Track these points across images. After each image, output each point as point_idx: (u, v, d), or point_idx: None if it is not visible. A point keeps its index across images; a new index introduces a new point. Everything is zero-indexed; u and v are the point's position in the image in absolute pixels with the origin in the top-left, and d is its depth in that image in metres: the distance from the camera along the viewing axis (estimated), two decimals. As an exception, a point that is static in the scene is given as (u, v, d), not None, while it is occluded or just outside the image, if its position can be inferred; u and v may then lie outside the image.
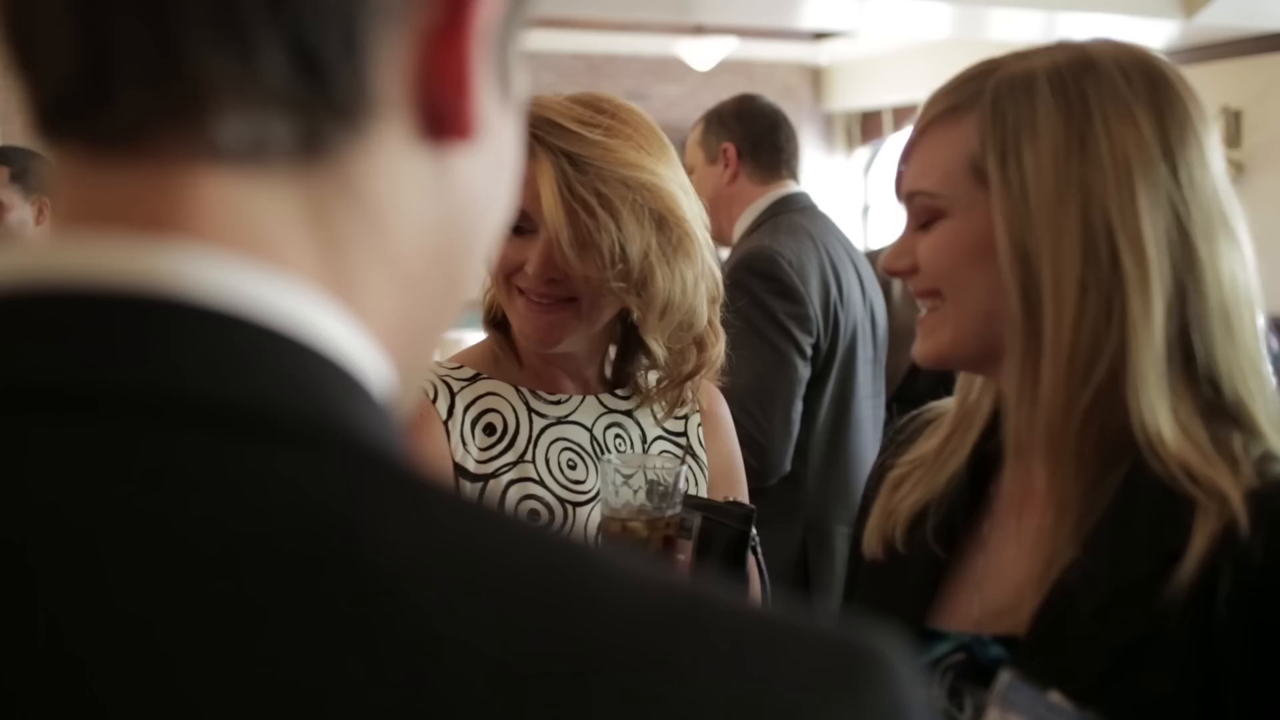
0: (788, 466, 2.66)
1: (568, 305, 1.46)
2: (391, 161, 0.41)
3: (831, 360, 2.72)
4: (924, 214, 1.07)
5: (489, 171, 0.46)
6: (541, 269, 1.43)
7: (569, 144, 1.40)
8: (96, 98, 0.38)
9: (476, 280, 0.50)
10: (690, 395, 1.59)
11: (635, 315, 1.49)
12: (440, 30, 0.41)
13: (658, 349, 1.52)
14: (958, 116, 1.04)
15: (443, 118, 0.42)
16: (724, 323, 1.58)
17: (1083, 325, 0.97)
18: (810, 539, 2.68)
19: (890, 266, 1.12)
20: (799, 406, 2.66)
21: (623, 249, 1.39)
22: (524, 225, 1.43)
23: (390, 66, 0.40)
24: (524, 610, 0.34)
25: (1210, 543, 0.92)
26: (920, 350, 1.12)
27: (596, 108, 1.45)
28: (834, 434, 2.75)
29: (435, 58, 0.41)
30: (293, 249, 0.40)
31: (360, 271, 0.42)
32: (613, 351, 1.62)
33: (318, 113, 0.39)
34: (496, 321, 1.56)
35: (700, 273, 1.48)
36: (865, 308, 2.83)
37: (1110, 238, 0.97)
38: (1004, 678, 0.95)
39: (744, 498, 1.65)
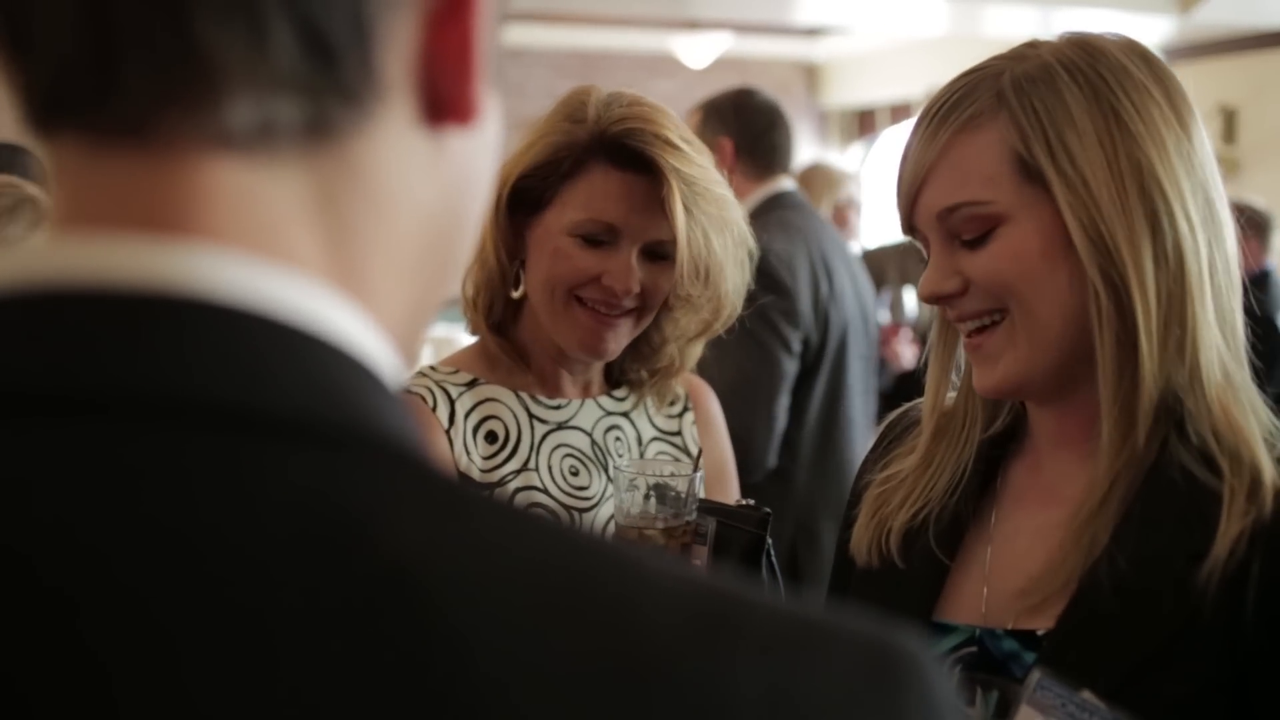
0: (772, 462, 2.65)
1: (629, 314, 1.45)
2: (394, 145, 0.41)
3: (822, 356, 2.72)
4: (975, 225, 1.02)
5: (480, 155, 0.46)
6: (632, 283, 1.41)
7: (682, 164, 1.39)
8: (101, 84, 0.37)
9: (461, 269, 0.49)
10: (675, 385, 1.61)
11: (685, 320, 1.50)
12: (444, 12, 0.41)
13: (687, 352, 1.54)
14: (979, 124, 1.02)
15: (444, 101, 0.42)
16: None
17: (1162, 298, 0.98)
18: (800, 537, 2.67)
19: (939, 291, 1.05)
20: (784, 401, 2.66)
21: (721, 266, 1.43)
22: (605, 237, 1.41)
23: (395, 49, 0.40)
24: (559, 616, 0.34)
25: (1239, 539, 0.93)
26: (991, 381, 1.05)
27: (675, 119, 1.45)
28: (825, 431, 2.75)
29: (439, 40, 0.41)
30: (301, 239, 0.39)
31: (367, 259, 0.41)
32: None
33: (325, 96, 0.39)
34: (497, 325, 1.52)
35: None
36: (857, 305, 2.83)
37: (1167, 207, 0.98)
38: (1035, 675, 0.94)
39: (735, 494, 1.65)
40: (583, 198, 1.40)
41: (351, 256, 0.41)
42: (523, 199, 1.43)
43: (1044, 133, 0.99)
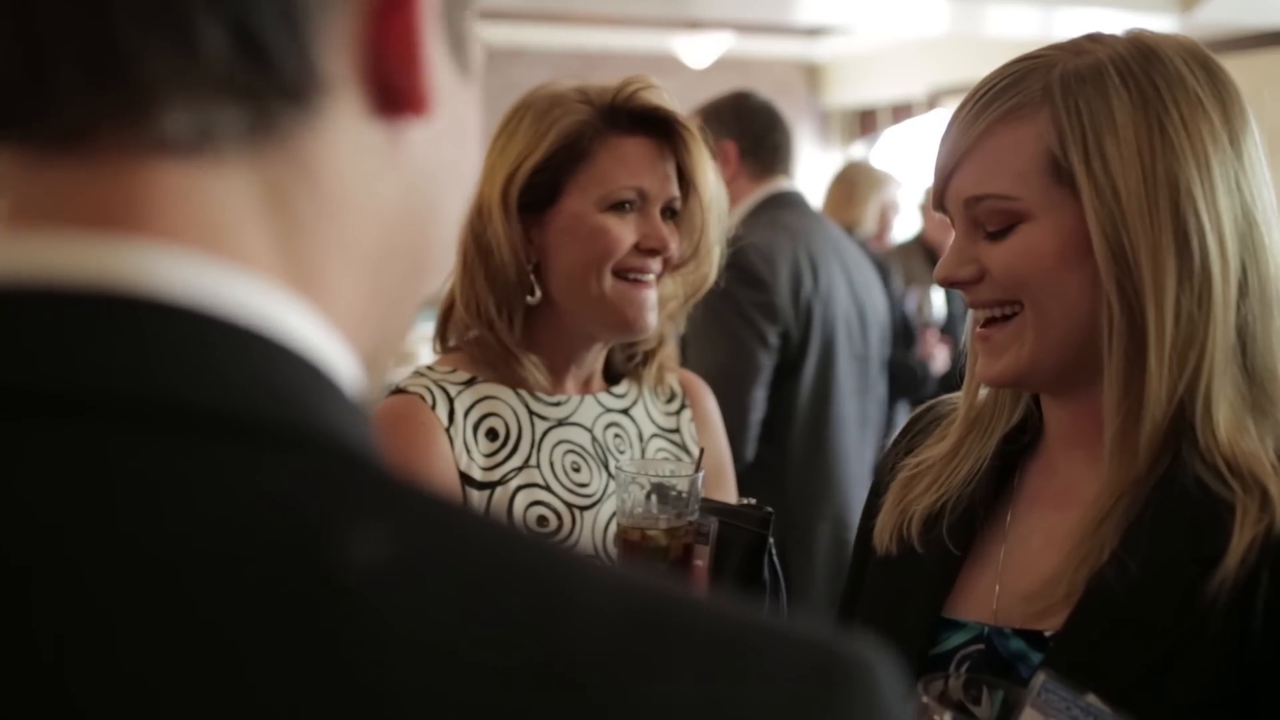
0: (750, 454, 2.65)
1: (654, 283, 1.49)
2: (345, 140, 0.41)
3: (805, 352, 2.71)
4: (998, 219, 1.02)
5: (448, 145, 0.45)
6: (669, 238, 1.47)
7: (695, 130, 1.47)
8: (37, 98, 0.37)
9: (443, 261, 0.49)
10: (664, 372, 1.64)
11: (684, 279, 1.55)
12: (384, 3, 0.40)
13: (668, 326, 1.59)
14: (1021, 115, 1.00)
15: (394, 93, 0.41)
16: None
17: (1180, 319, 0.96)
18: (790, 537, 2.67)
19: (954, 276, 1.05)
20: (759, 394, 2.66)
21: (711, 225, 1.52)
22: (635, 204, 1.46)
23: (335, 43, 0.39)
24: (494, 616, 0.34)
25: (1250, 548, 0.92)
26: (993, 371, 1.06)
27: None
28: (814, 430, 2.74)
29: (382, 31, 0.40)
30: (251, 239, 0.39)
31: (320, 258, 0.41)
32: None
33: (266, 95, 0.38)
34: (521, 339, 1.50)
35: None
36: (853, 304, 2.82)
37: (1199, 227, 0.96)
38: (1039, 678, 0.94)
39: (733, 491, 1.65)
40: (605, 171, 1.44)
41: (304, 254, 0.40)
42: (530, 197, 1.43)
43: (1082, 136, 0.97)
